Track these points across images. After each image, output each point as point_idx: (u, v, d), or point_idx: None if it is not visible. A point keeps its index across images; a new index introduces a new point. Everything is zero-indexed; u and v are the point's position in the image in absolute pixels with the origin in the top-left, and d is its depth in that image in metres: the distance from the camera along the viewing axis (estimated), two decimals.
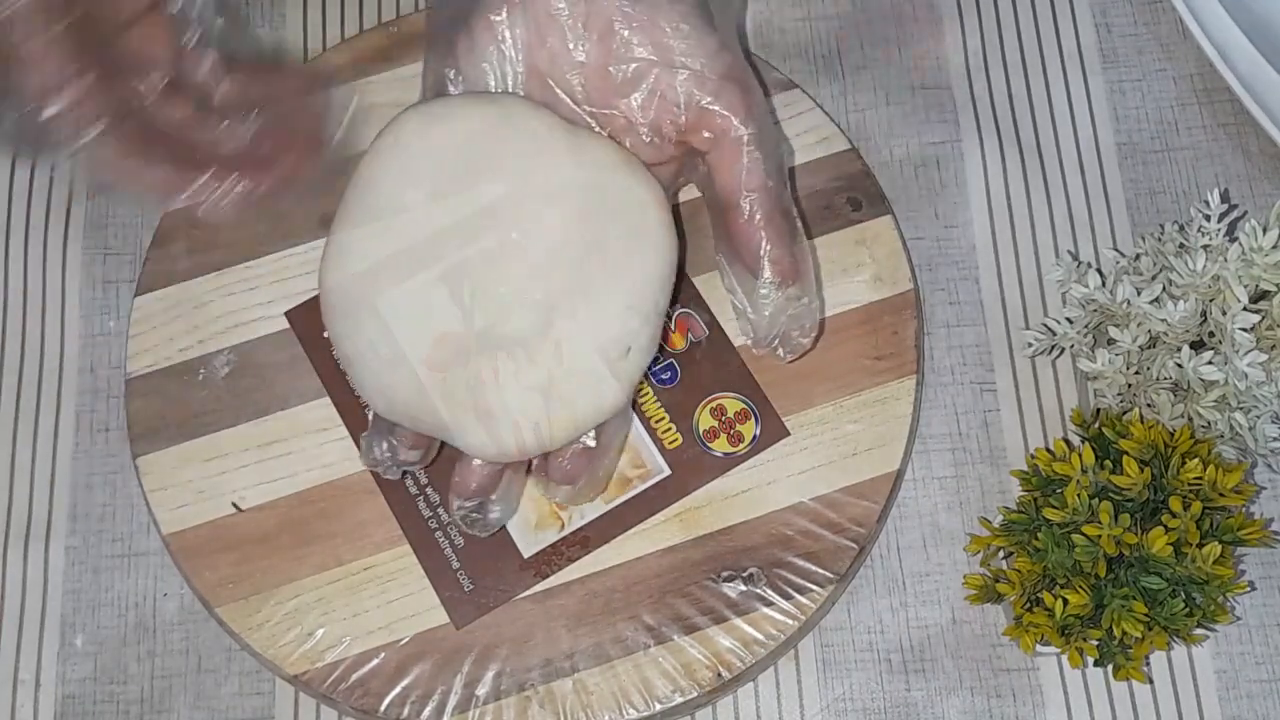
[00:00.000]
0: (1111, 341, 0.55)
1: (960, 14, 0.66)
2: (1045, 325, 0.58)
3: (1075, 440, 0.56)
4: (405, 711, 0.54)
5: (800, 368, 0.58)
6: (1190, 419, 0.54)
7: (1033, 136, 0.64)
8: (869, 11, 0.66)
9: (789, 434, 0.57)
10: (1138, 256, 0.57)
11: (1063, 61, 0.65)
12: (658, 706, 0.54)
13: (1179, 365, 0.53)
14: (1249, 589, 0.56)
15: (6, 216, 0.64)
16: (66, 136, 0.43)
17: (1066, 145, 0.64)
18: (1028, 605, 0.52)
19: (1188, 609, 0.50)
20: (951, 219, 0.63)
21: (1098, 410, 0.56)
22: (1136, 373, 0.55)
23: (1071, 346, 0.58)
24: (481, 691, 0.54)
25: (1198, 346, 0.54)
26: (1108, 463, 0.52)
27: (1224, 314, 0.53)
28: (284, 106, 0.49)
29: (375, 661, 0.54)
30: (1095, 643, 0.51)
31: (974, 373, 0.60)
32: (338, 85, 0.63)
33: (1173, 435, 0.52)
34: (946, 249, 0.62)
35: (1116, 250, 0.61)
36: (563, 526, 0.56)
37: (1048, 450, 0.53)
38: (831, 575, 0.55)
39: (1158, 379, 0.54)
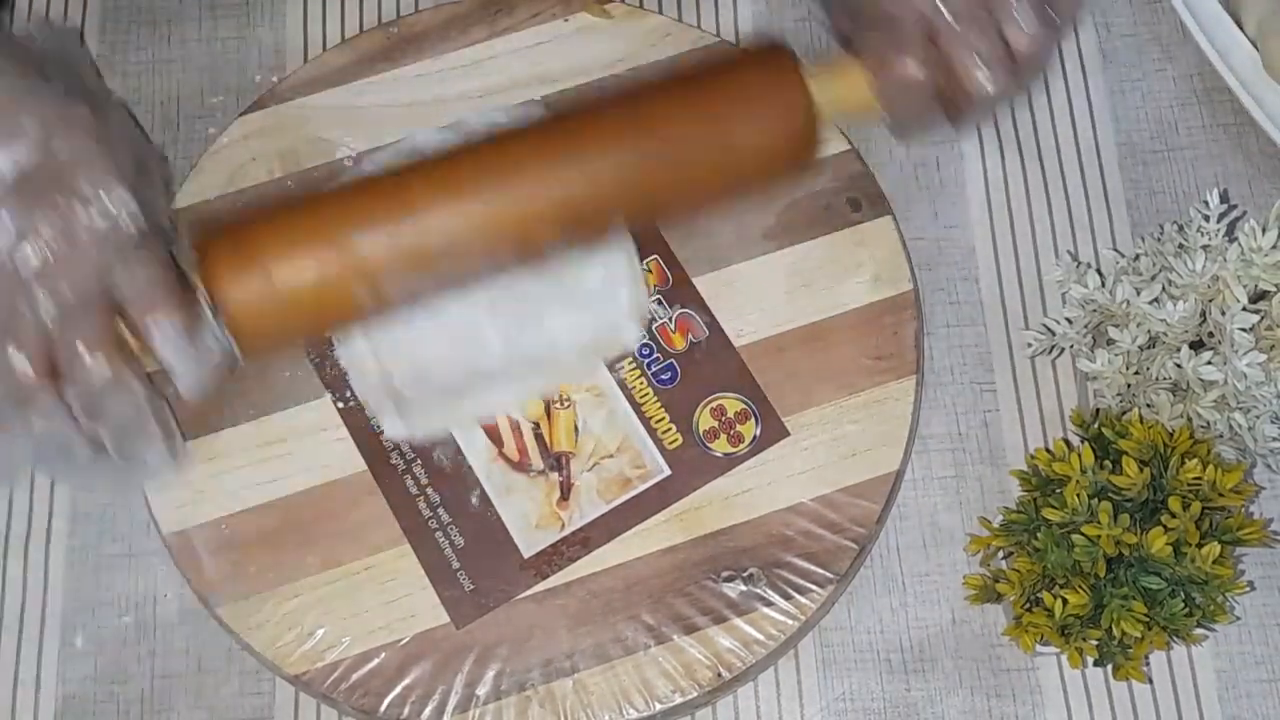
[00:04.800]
0: (1111, 342, 0.55)
1: None
2: (1045, 325, 0.58)
3: (1075, 440, 0.56)
4: (405, 711, 0.54)
5: (800, 368, 0.58)
6: (1190, 419, 0.54)
7: (1032, 136, 0.64)
8: None
9: (789, 434, 0.57)
10: (1137, 257, 0.57)
11: (1062, 62, 0.65)
12: (658, 706, 0.54)
13: (1178, 365, 0.53)
14: (1248, 589, 0.56)
15: None
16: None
17: (1066, 145, 0.64)
18: (1027, 605, 0.52)
19: (1187, 609, 0.50)
20: (951, 219, 0.63)
21: (1097, 410, 0.56)
22: (1136, 373, 0.55)
23: (1071, 347, 0.58)
24: (482, 691, 0.54)
25: (1197, 346, 0.54)
26: (1107, 463, 0.52)
27: (1223, 314, 0.53)
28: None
29: (375, 661, 0.54)
30: (1095, 642, 0.51)
31: (973, 373, 0.60)
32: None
33: (1172, 435, 0.52)
34: (946, 249, 0.62)
35: (1116, 250, 0.61)
36: (563, 526, 0.56)
37: (1047, 450, 0.53)
38: (831, 575, 0.55)
39: (1157, 379, 0.54)
